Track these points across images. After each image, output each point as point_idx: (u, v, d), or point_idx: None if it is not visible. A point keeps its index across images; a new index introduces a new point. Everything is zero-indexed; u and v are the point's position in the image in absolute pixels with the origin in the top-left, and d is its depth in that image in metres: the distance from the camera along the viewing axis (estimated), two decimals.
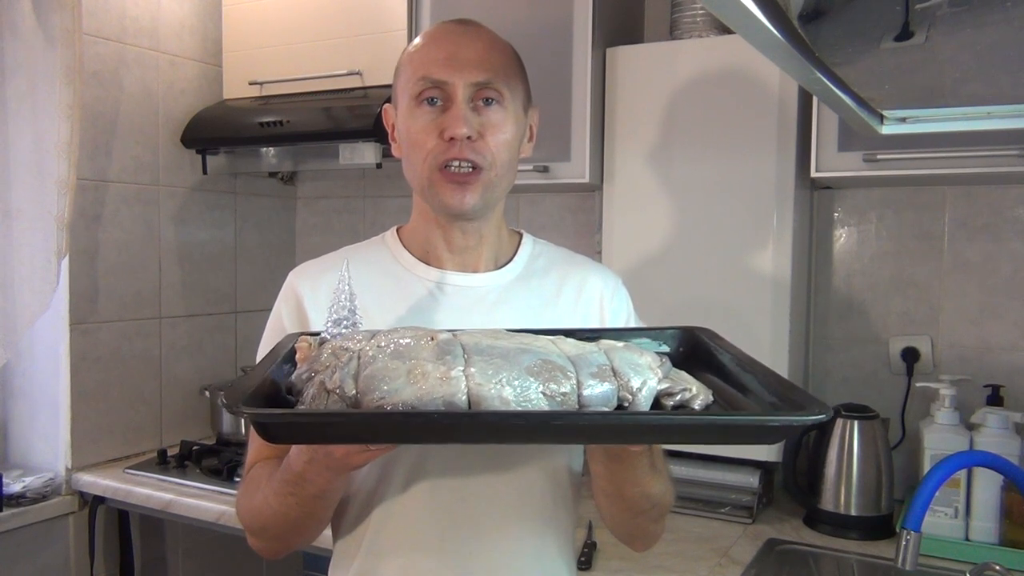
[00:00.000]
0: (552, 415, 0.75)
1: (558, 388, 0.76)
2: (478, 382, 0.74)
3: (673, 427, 0.77)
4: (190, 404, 2.31)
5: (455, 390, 0.74)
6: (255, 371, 0.81)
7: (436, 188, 1.00)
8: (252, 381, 0.76)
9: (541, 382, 0.76)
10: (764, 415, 0.76)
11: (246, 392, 0.73)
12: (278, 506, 0.93)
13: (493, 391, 0.74)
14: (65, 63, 1.81)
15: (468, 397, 0.74)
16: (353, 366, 0.76)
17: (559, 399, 0.76)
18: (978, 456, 1.38)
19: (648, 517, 1.02)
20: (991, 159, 1.49)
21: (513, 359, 0.77)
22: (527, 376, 0.76)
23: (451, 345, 0.78)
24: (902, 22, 0.74)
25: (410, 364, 0.75)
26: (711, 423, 0.77)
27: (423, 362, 0.76)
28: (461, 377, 0.75)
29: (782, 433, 0.74)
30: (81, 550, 2.01)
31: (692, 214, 1.74)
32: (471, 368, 0.75)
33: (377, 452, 0.80)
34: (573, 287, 1.09)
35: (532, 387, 0.75)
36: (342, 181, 2.59)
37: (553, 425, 0.74)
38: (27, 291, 1.84)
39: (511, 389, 0.74)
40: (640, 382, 0.79)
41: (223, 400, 0.71)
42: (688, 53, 1.74)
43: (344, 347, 0.78)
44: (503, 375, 0.75)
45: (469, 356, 0.77)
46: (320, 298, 1.02)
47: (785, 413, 0.73)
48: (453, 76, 0.98)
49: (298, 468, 0.86)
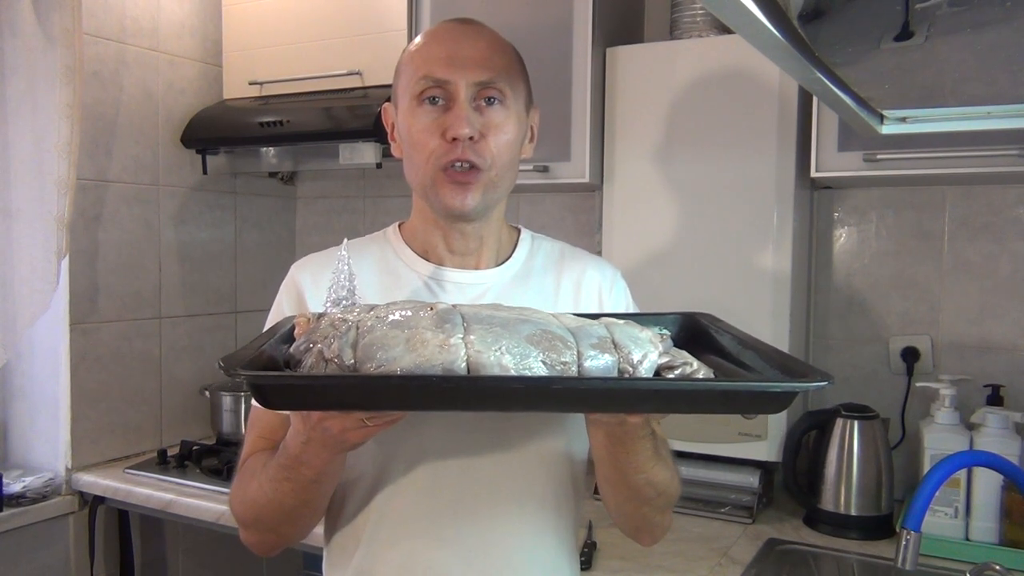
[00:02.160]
0: (552, 379, 0.74)
1: (558, 357, 0.75)
2: (477, 349, 0.74)
3: (674, 393, 0.76)
4: (190, 404, 2.31)
5: (454, 357, 0.73)
6: (254, 341, 0.80)
7: (438, 188, 0.99)
8: (250, 351, 0.76)
9: (541, 351, 0.75)
10: (766, 381, 0.75)
11: (243, 360, 0.72)
12: (273, 493, 0.92)
13: (492, 358, 0.73)
14: (65, 63, 1.81)
15: (467, 364, 0.73)
16: (352, 335, 0.75)
17: (559, 368, 0.75)
18: (978, 456, 1.38)
19: (653, 507, 1.01)
20: (991, 159, 1.49)
21: (513, 328, 0.76)
22: (527, 345, 0.75)
23: (450, 314, 0.78)
24: (902, 22, 0.74)
25: (409, 332, 0.75)
26: (713, 389, 0.77)
27: (422, 330, 0.75)
28: (460, 344, 0.74)
29: (784, 400, 0.73)
30: (81, 550, 2.01)
31: (692, 214, 1.74)
32: (470, 336, 0.75)
33: (375, 428, 0.79)
34: (572, 281, 1.09)
35: (532, 355, 0.74)
36: (342, 181, 2.59)
37: (553, 390, 0.73)
38: (27, 291, 1.84)
39: (511, 357, 0.74)
40: (641, 354, 0.78)
41: (221, 364, 0.70)
42: (688, 53, 1.74)
43: (343, 318, 0.78)
44: (503, 343, 0.74)
45: (468, 324, 0.76)
46: (321, 290, 1.01)
47: (786, 379, 0.73)
48: (455, 75, 0.97)
49: (295, 450, 0.86)
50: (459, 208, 0.99)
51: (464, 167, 0.98)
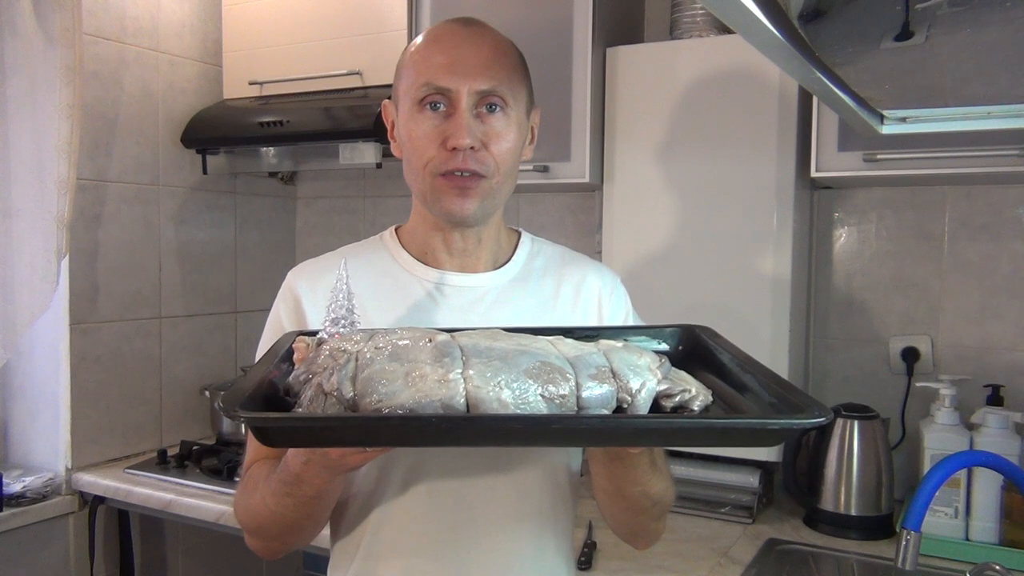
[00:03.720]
0: (550, 419, 0.74)
1: (557, 390, 0.75)
2: (476, 384, 0.74)
3: (672, 430, 0.76)
4: (190, 404, 2.31)
5: (453, 393, 0.73)
6: (252, 373, 0.80)
7: (438, 194, 0.99)
8: (249, 383, 0.76)
9: (540, 384, 0.75)
10: (763, 418, 0.75)
11: (243, 395, 0.72)
12: (275, 507, 0.92)
13: (491, 393, 0.73)
14: (65, 63, 1.81)
15: (466, 400, 0.73)
16: (351, 368, 0.75)
17: (558, 401, 0.75)
18: (978, 456, 1.38)
19: (649, 515, 1.02)
20: (991, 159, 1.49)
21: (512, 361, 0.77)
22: (526, 378, 0.75)
23: (449, 347, 0.78)
24: (902, 22, 0.74)
25: (408, 366, 0.75)
26: (710, 426, 0.77)
27: (421, 364, 0.75)
28: (459, 380, 0.74)
29: (781, 436, 0.73)
30: (81, 550, 2.01)
31: (692, 214, 1.74)
32: (469, 370, 0.75)
33: (373, 453, 0.80)
34: (571, 286, 1.09)
35: (531, 389, 0.75)
36: (342, 181, 2.59)
37: (552, 428, 0.74)
38: (27, 291, 1.84)
39: (510, 391, 0.74)
40: (639, 383, 0.78)
41: (220, 405, 0.71)
42: (688, 53, 1.74)
43: (342, 348, 0.78)
44: (501, 377, 0.75)
45: (467, 358, 0.76)
46: (318, 298, 1.02)
47: (784, 416, 0.73)
48: (457, 83, 0.96)
49: (295, 469, 0.86)
50: (459, 214, 0.99)
51: (465, 174, 0.97)
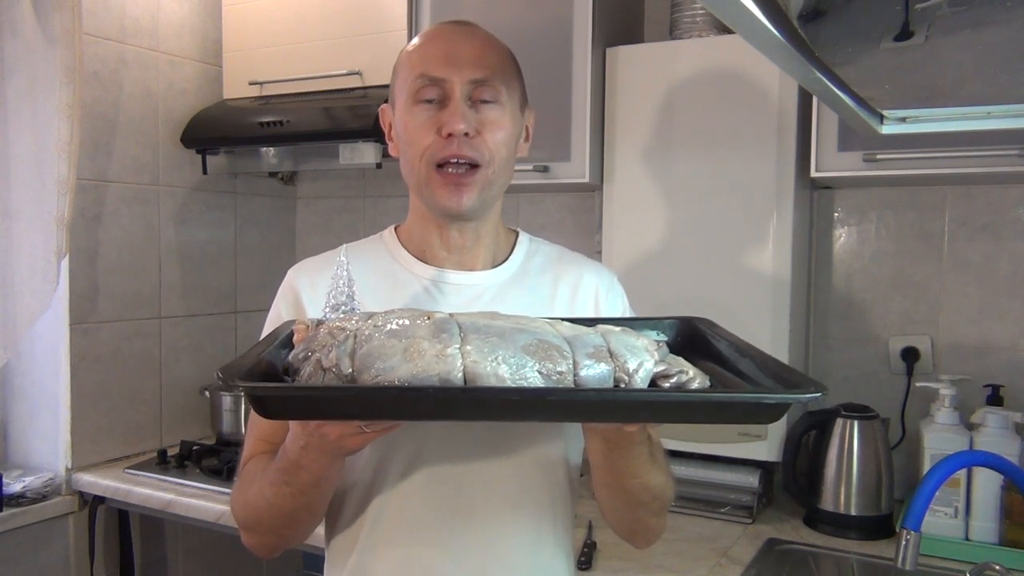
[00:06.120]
0: (547, 391, 0.74)
1: (554, 367, 0.75)
2: (474, 359, 0.74)
3: (669, 404, 0.76)
4: (190, 404, 2.31)
5: (451, 367, 0.73)
6: (252, 350, 0.80)
7: (433, 188, 1.00)
8: (248, 360, 0.76)
9: (537, 361, 0.75)
10: (760, 392, 0.75)
11: (242, 368, 0.73)
12: (273, 497, 0.92)
13: (489, 369, 0.74)
14: (65, 63, 1.81)
15: (464, 374, 0.73)
16: (349, 344, 0.76)
17: (555, 378, 0.75)
18: (978, 456, 1.38)
19: (649, 510, 1.02)
20: (991, 159, 1.49)
21: (509, 338, 0.77)
22: (523, 355, 0.75)
23: (447, 323, 0.78)
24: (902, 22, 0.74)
25: (406, 342, 0.75)
26: (707, 400, 0.77)
27: (419, 340, 0.75)
28: (457, 355, 0.74)
29: (777, 411, 0.73)
30: (81, 550, 2.01)
31: (692, 214, 1.74)
32: (467, 346, 0.75)
33: (372, 434, 0.80)
34: (569, 285, 1.09)
35: (528, 365, 0.75)
36: (342, 181, 2.59)
37: (548, 401, 0.74)
38: (27, 291, 1.84)
39: (507, 367, 0.74)
40: (637, 363, 0.78)
41: (219, 375, 0.71)
42: (688, 53, 1.74)
43: (341, 327, 0.78)
44: (499, 353, 0.75)
45: (465, 334, 0.77)
46: (318, 294, 1.02)
47: (780, 391, 0.73)
48: (451, 73, 0.98)
49: (293, 455, 0.86)
50: (455, 208, 0.99)
51: (460, 168, 0.98)
